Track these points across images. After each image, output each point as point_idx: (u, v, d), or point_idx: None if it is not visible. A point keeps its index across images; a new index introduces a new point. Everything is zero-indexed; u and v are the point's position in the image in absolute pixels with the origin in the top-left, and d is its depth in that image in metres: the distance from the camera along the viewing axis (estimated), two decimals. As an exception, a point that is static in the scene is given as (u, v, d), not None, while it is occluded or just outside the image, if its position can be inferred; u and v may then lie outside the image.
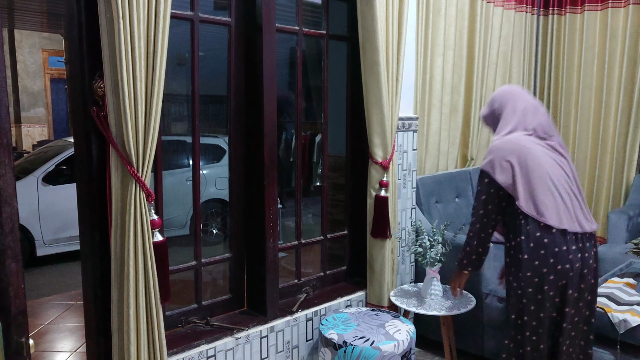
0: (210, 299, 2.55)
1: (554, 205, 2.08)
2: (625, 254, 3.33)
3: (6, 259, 1.14)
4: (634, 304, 2.41)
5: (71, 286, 4.74)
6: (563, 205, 2.09)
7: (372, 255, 2.93)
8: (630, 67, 4.07)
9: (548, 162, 2.12)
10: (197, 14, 2.32)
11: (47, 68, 11.98)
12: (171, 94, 6.46)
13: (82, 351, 3.35)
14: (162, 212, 2.24)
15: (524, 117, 2.19)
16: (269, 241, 2.53)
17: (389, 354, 2.33)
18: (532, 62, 4.50)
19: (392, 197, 2.89)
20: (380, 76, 2.71)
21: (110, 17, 1.75)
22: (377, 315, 2.67)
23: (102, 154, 1.94)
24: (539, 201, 2.08)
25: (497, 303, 2.92)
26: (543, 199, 2.07)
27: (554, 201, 2.08)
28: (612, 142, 4.20)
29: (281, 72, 2.49)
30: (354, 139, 3.10)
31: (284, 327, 2.61)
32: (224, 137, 5.75)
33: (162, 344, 1.96)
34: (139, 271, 1.88)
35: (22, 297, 1.17)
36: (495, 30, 3.98)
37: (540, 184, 2.08)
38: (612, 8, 4.11)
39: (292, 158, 6.98)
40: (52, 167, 5.55)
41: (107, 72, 1.80)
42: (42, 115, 11.97)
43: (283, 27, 2.64)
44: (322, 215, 3.06)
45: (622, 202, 4.18)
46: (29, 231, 5.35)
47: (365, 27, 2.71)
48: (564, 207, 2.09)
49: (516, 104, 2.22)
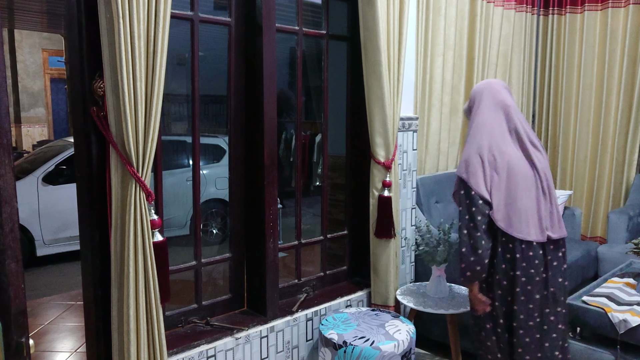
0: (210, 299, 2.55)
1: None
2: (625, 254, 3.34)
3: (6, 259, 1.14)
4: (634, 304, 2.41)
5: (71, 286, 4.74)
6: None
7: (375, 255, 2.93)
8: (630, 67, 4.07)
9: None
10: (197, 14, 2.32)
11: (47, 68, 11.99)
12: (171, 94, 6.46)
13: (82, 351, 3.35)
14: (162, 212, 2.24)
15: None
16: (269, 241, 2.53)
17: (389, 354, 2.33)
18: (532, 62, 4.50)
19: (394, 197, 2.89)
20: (382, 76, 2.71)
21: (110, 17, 1.75)
22: (377, 315, 2.67)
23: (102, 154, 1.94)
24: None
25: (497, 303, 2.92)
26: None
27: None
28: (612, 142, 4.20)
29: (281, 72, 2.49)
30: (354, 138, 3.10)
31: (284, 327, 2.61)
32: (224, 137, 5.75)
33: (162, 344, 1.96)
34: (139, 271, 1.88)
35: (22, 297, 1.17)
36: (495, 30, 3.98)
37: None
38: (612, 8, 4.11)
39: (292, 158, 6.98)
40: (52, 167, 5.55)
41: (107, 72, 1.80)
42: (42, 115, 11.97)
43: (283, 27, 2.64)
44: (322, 215, 3.06)
45: (622, 202, 4.18)
46: (29, 231, 5.35)
47: (366, 27, 2.71)
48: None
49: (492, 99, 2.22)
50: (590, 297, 2.49)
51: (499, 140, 2.15)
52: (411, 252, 3.27)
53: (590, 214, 4.30)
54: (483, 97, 2.24)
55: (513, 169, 2.11)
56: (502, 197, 2.11)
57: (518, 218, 2.09)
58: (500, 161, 2.12)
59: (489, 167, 2.13)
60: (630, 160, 4.12)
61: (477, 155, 2.15)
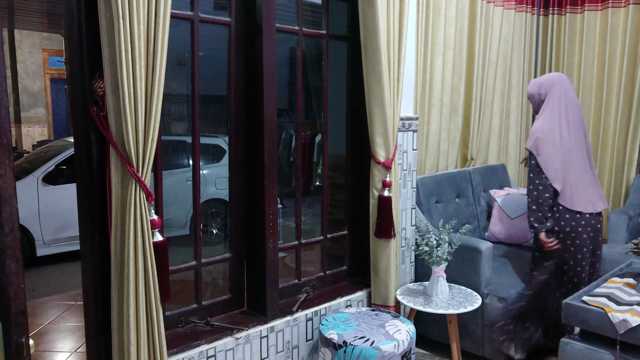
0: (210, 299, 2.55)
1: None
2: (625, 254, 3.33)
3: (6, 259, 1.14)
4: (634, 304, 2.41)
5: (71, 286, 4.74)
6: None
7: (376, 255, 2.93)
8: (630, 67, 4.07)
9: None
10: (197, 14, 2.32)
11: (47, 68, 11.99)
12: (171, 94, 6.45)
13: (82, 351, 3.35)
14: (162, 212, 2.24)
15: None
16: (269, 241, 2.53)
17: (389, 354, 2.33)
18: (532, 62, 4.50)
19: (394, 197, 2.89)
20: (382, 76, 2.71)
21: (110, 17, 1.75)
22: (377, 315, 2.67)
23: (102, 154, 1.94)
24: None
25: (497, 303, 2.92)
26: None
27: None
28: (612, 142, 4.20)
29: (281, 72, 2.49)
30: (354, 139, 3.10)
31: (284, 327, 2.61)
32: (224, 137, 5.75)
33: (162, 344, 1.96)
34: (139, 271, 1.88)
35: (22, 297, 1.17)
36: (495, 30, 3.98)
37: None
38: (612, 8, 4.11)
39: (292, 158, 6.98)
40: (52, 167, 5.55)
41: (107, 72, 1.80)
42: (42, 115, 11.97)
43: (283, 27, 2.64)
44: (322, 215, 3.06)
45: (622, 202, 4.18)
46: (29, 231, 5.35)
47: (367, 27, 2.71)
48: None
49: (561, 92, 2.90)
50: (590, 297, 2.49)
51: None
52: (411, 252, 3.27)
53: (590, 214, 4.29)
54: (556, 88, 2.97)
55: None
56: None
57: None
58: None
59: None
60: (630, 160, 4.12)
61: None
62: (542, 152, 2.83)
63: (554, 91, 2.91)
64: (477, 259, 2.98)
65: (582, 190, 2.86)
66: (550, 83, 2.94)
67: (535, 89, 2.99)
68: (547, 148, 2.83)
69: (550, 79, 2.96)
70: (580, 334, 2.48)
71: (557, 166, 2.82)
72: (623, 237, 3.81)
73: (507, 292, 2.93)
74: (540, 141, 2.85)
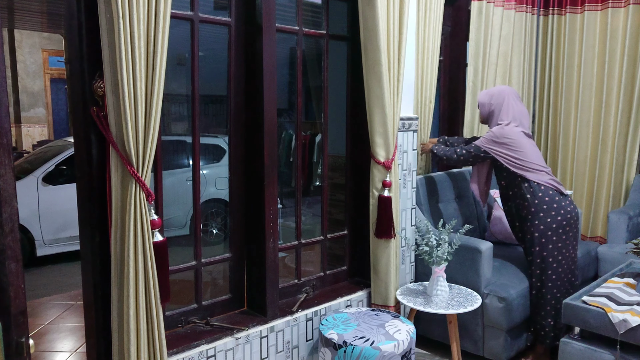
0: (210, 299, 2.55)
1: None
2: (625, 254, 3.34)
3: (6, 259, 1.14)
4: (634, 304, 2.41)
5: (71, 286, 4.74)
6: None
7: (376, 255, 2.93)
8: (630, 67, 4.07)
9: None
10: (197, 14, 2.32)
11: (47, 68, 11.99)
12: (171, 94, 6.46)
13: (82, 351, 3.35)
14: (162, 212, 2.24)
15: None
16: (269, 241, 2.53)
17: (389, 354, 2.33)
18: (532, 62, 4.49)
19: (394, 197, 2.89)
20: (382, 76, 2.71)
21: (110, 17, 1.75)
22: (377, 315, 2.67)
23: (102, 154, 1.94)
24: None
25: (497, 303, 2.92)
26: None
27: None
28: (612, 142, 4.20)
29: (281, 72, 2.49)
30: (354, 139, 3.10)
31: (284, 327, 2.61)
32: (224, 137, 5.75)
33: (162, 344, 1.96)
34: (139, 271, 1.88)
35: (22, 297, 1.17)
36: (495, 30, 3.98)
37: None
38: (612, 8, 4.11)
39: (292, 158, 6.98)
40: (52, 167, 5.55)
41: (107, 72, 1.80)
42: (42, 115, 11.97)
43: (283, 27, 2.64)
44: (322, 215, 3.06)
45: (622, 202, 4.18)
46: (29, 231, 5.35)
47: (367, 27, 2.70)
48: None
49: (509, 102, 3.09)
50: (590, 297, 2.49)
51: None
52: (411, 252, 3.27)
53: (590, 214, 4.30)
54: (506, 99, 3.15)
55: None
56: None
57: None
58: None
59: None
60: (630, 160, 4.12)
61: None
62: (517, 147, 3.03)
63: (507, 101, 3.10)
64: (477, 259, 2.98)
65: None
66: (502, 95, 3.12)
67: (486, 98, 3.16)
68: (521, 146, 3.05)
69: (501, 91, 3.15)
70: (580, 334, 2.48)
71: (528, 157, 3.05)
72: (623, 237, 3.81)
73: (507, 292, 2.93)
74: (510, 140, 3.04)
